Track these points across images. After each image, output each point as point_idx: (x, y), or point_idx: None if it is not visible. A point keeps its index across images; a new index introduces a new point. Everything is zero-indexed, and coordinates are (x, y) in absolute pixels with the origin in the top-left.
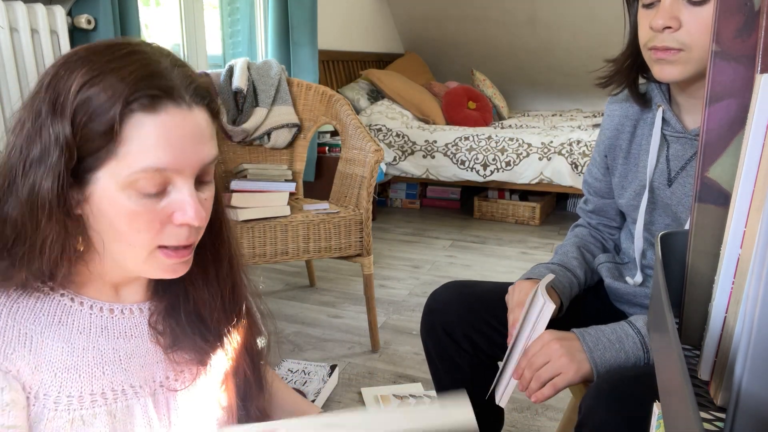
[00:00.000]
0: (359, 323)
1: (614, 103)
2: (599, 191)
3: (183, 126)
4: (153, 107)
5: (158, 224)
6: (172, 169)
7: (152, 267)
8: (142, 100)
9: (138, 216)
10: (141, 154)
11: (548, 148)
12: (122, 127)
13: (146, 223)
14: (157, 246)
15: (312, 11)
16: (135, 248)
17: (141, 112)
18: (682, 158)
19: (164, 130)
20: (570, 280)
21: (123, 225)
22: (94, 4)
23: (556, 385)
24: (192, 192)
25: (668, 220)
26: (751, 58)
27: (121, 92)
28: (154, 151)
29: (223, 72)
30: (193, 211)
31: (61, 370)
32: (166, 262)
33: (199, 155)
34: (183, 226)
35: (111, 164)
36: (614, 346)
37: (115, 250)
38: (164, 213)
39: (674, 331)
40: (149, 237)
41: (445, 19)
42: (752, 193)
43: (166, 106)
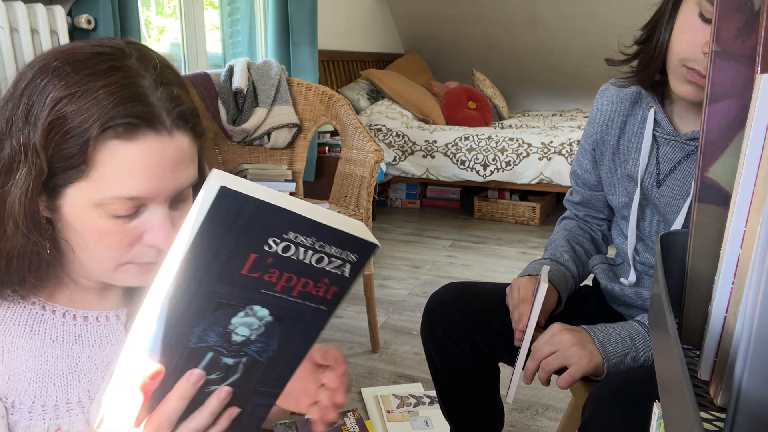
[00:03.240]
0: (359, 323)
1: (604, 96)
2: (588, 183)
3: (161, 155)
4: (130, 135)
5: (127, 243)
6: (142, 197)
7: (121, 278)
8: (117, 128)
9: (107, 235)
10: (115, 181)
11: (548, 148)
12: (96, 152)
13: (116, 242)
14: (128, 262)
15: (312, 11)
16: (103, 264)
17: (116, 140)
18: (672, 161)
19: (141, 159)
20: (564, 273)
21: (91, 241)
22: (94, 4)
23: (573, 376)
24: (165, 216)
25: (659, 217)
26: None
27: (98, 117)
28: (129, 179)
29: (223, 72)
30: (164, 235)
31: (35, 380)
32: (135, 272)
33: (177, 182)
34: (152, 247)
35: (82, 184)
36: (626, 342)
37: (84, 260)
38: (134, 233)
39: (674, 331)
40: (117, 254)
41: (445, 19)
42: (752, 193)
43: (145, 134)
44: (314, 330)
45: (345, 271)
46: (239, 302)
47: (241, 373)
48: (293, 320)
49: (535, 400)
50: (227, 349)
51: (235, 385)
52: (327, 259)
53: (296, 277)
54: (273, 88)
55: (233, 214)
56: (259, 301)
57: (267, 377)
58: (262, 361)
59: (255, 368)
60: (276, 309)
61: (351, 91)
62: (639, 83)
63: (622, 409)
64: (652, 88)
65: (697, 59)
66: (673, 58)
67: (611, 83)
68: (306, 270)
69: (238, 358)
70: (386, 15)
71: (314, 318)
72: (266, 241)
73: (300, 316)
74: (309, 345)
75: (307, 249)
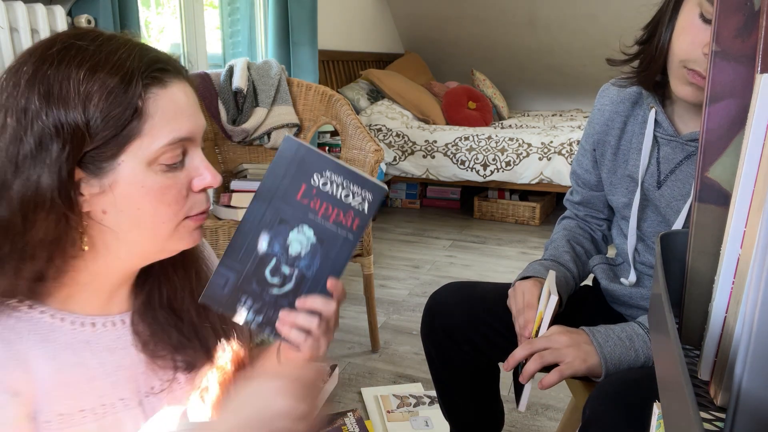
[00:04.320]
0: (359, 323)
1: (605, 96)
2: (588, 183)
3: (188, 95)
4: (163, 81)
5: (184, 195)
6: (189, 138)
7: (179, 238)
8: (154, 74)
9: (167, 190)
10: (164, 126)
11: (548, 148)
12: (145, 104)
13: (174, 196)
14: (185, 217)
15: (312, 11)
16: (162, 226)
17: (155, 87)
18: (672, 161)
19: (178, 102)
20: (564, 274)
21: (152, 203)
22: (94, 4)
23: (563, 372)
24: (203, 157)
25: (660, 218)
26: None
27: (135, 70)
28: (175, 122)
29: (223, 72)
30: (210, 174)
31: (51, 389)
32: (192, 228)
33: (201, 122)
34: (202, 192)
35: (135, 144)
36: (624, 343)
37: (134, 238)
38: (185, 182)
39: (674, 331)
40: (177, 209)
41: (445, 19)
42: (752, 193)
43: (171, 79)
44: (344, 257)
45: (364, 207)
46: (295, 221)
47: (293, 284)
48: (330, 244)
49: (535, 400)
50: (285, 260)
51: (290, 294)
52: (351, 196)
53: (332, 207)
54: (273, 88)
55: (292, 153)
56: (307, 222)
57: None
58: (307, 276)
59: (303, 283)
60: (318, 232)
61: (351, 91)
62: (640, 84)
63: (623, 409)
64: (653, 88)
65: (698, 60)
66: (673, 59)
67: (612, 83)
68: (338, 203)
69: (292, 269)
70: (386, 15)
71: (344, 246)
72: (312, 175)
73: (334, 241)
74: (339, 271)
75: (338, 186)
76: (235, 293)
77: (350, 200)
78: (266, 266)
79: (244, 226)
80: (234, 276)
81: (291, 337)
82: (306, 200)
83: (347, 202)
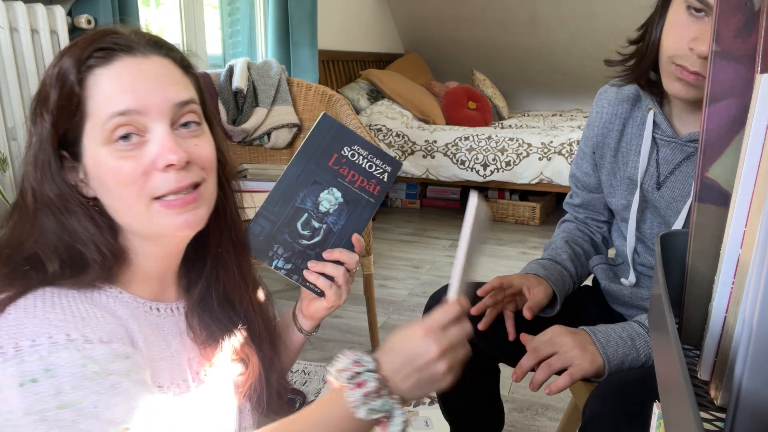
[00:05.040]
0: (359, 323)
1: (603, 99)
2: (588, 185)
3: (140, 70)
4: (108, 59)
5: (141, 172)
6: (136, 111)
7: (160, 224)
8: (96, 54)
9: (119, 169)
10: (105, 103)
11: (548, 148)
12: (86, 85)
13: (129, 175)
14: (153, 198)
15: (312, 11)
16: (130, 209)
17: (98, 67)
18: (672, 162)
19: (121, 76)
20: (561, 272)
21: (112, 185)
22: (94, 4)
23: (573, 376)
24: (166, 132)
25: (659, 219)
26: (751, 58)
27: (79, 54)
28: (116, 96)
29: (223, 72)
30: (167, 148)
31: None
32: (169, 213)
33: (164, 96)
34: (168, 170)
35: (89, 125)
36: (626, 343)
37: (124, 220)
38: (146, 160)
39: (674, 331)
40: (137, 190)
41: (445, 19)
42: (752, 193)
43: (120, 57)
44: (366, 217)
45: (384, 177)
46: (326, 183)
47: (321, 237)
48: (354, 205)
49: (535, 400)
50: (315, 215)
51: (317, 246)
52: (374, 167)
53: (357, 175)
54: (273, 88)
55: (328, 128)
56: (336, 185)
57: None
58: (334, 230)
59: (329, 236)
60: (345, 194)
61: (351, 91)
62: (634, 80)
63: (623, 409)
64: (651, 89)
65: (684, 56)
66: (663, 55)
67: (610, 84)
68: (363, 172)
69: (321, 224)
70: (386, 15)
71: (366, 208)
72: (342, 147)
73: (358, 203)
74: (361, 228)
75: (364, 158)
76: (269, 241)
77: (373, 170)
78: (298, 220)
79: (282, 183)
80: (269, 226)
81: (319, 283)
82: (336, 167)
83: (370, 171)
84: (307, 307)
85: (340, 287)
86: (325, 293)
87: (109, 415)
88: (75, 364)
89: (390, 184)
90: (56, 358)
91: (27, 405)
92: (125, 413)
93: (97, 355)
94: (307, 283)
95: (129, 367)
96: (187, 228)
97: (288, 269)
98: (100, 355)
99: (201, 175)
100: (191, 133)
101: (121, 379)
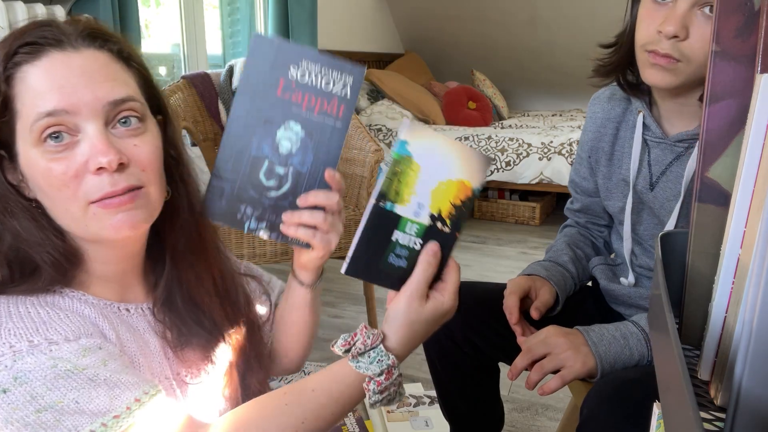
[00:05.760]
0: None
1: (596, 104)
2: (587, 190)
3: (67, 66)
4: (35, 55)
5: (73, 174)
6: (65, 111)
7: (97, 227)
8: (23, 50)
9: (50, 171)
10: (33, 102)
11: (548, 148)
12: (13, 83)
13: (59, 177)
14: (89, 203)
15: (312, 11)
16: (69, 210)
17: (25, 64)
18: (663, 163)
19: (49, 73)
20: (562, 273)
21: (45, 187)
22: (94, 4)
23: (564, 378)
24: (98, 132)
25: (655, 220)
26: (751, 58)
27: (7, 49)
28: (43, 95)
29: (223, 72)
30: (97, 149)
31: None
32: (105, 215)
33: (95, 93)
34: (100, 173)
35: (19, 126)
36: (619, 342)
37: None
38: (77, 162)
39: (674, 331)
40: (69, 193)
41: (445, 19)
42: (752, 193)
43: (48, 52)
44: (335, 147)
45: (347, 92)
46: (280, 118)
47: (290, 184)
48: (319, 136)
49: (535, 400)
50: (277, 159)
51: (289, 194)
52: (332, 83)
53: (314, 98)
54: None
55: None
56: (292, 117)
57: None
58: (303, 173)
59: (299, 180)
60: (305, 125)
61: None
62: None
63: (620, 408)
64: (640, 92)
65: (654, 40)
66: (637, 48)
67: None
68: (320, 92)
69: (286, 168)
70: (386, 15)
71: (333, 136)
72: (288, 68)
73: (323, 132)
74: (334, 161)
75: (317, 75)
76: (233, 203)
77: (331, 87)
78: (259, 170)
79: (229, 134)
80: (228, 186)
81: (299, 236)
82: (287, 95)
83: (328, 89)
84: (299, 258)
85: (327, 233)
86: (310, 244)
87: (93, 407)
88: (44, 367)
89: (355, 98)
90: (22, 365)
91: (5, 415)
92: (110, 401)
93: (65, 354)
94: (288, 239)
95: (103, 356)
96: (122, 230)
97: (264, 228)
98: (68, 352)
99: (139, 178)
100: (130, 132)
101: (98, 371)
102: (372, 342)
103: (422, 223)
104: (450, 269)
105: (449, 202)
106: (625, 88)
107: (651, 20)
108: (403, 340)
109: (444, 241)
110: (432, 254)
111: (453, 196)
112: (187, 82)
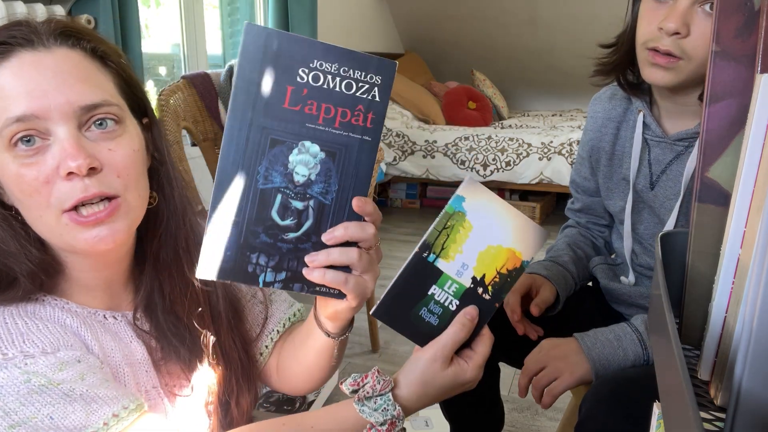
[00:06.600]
0: (359, 323)
1: (597, 104)
2: (588, 190)
3: (38, 68)
4: (4, 56)
5: (44, 181)
6: (34, 116)
7: (71, 238)
8: None
9: (20, 177)
10: (1, 106)
11: (548, 148)
12: None
13: (30, 183)
14: (62, 211)
15: (312, 11)
16: (42, 218)
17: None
18: (663, 162)
19: (17, 75)
20: (563, 273)
21: (18, 193)
22: (94, 4)
23: (552, 392)
24: (69, 135)
25: (656, 219)
26: (751, 58)
27: None
28: (11, 99)
29: (223, 72)
30: (67, 153)
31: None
32: (79, 228)
33: (66, 96)
34: (71, 178)
35: None
36: (612, 344)
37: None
38: (48, 167)
39: (674, 331)
40: (41, 200)
41: (445, 19)
42: (752, 193)
43: (18, 53)
44: (366, 165)
45: (375, 95)
46: (291, 138)
47: (312, 220)
48: (344, 155)
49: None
50: (293, 191)
51: (311, 234)
52: (355, 85)
53: (333, 108)
54: None
55: (261, 48)
56: (307, 136)
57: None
58: (328, 203)
59: (324, 213)
60: (325, 144)
61: None
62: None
63: (618, 408)
64: (641, 92)
65: (655, 37)
66: (638, 46)
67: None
68: (340, 98)
69: (306, 201)
70: (386, 15)
71: (363, 150)
72: (297, 71)
73: (348, 149)
74: (365, 185)
75: (335, 76)
76: (242, 253)
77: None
78: (270, 207)
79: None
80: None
81: (328, 281)
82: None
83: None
84: (325, 309)
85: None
86: (343, 291)
87: (69, 422)
88: (17, 382)
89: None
90: None
91: None
92: (86, 417)
93: (40, 368)
94: (316, 288)
95: (82, 370)
96: (100, 245)
97: (283, 280)
98: (44, 366)
99: (113, 186)
100: (105, 135)
101: (74, 386)
102: (381, 388)
103: (463, 284)
104: (482, 339)
105: (495, 268)
106: (626, 88)
107: (652, 18)
108: (414, 396)
109: (482, 308)
110: (470, 318)
111: (500, 264)
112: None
